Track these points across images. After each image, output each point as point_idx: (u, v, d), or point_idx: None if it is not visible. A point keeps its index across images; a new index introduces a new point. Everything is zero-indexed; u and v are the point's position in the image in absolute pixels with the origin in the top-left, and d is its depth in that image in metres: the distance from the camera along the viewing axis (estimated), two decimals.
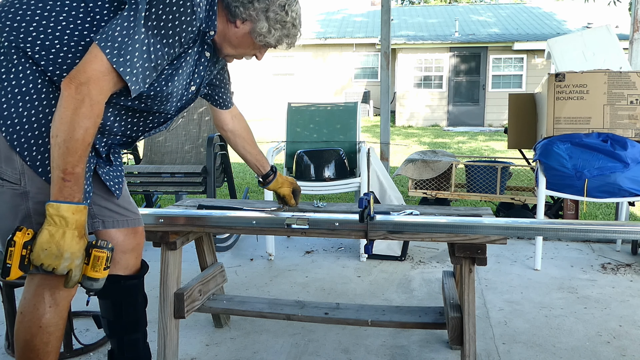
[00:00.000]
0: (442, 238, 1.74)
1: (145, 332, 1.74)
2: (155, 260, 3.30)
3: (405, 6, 24.29)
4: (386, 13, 4.70)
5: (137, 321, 1.70)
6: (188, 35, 1.36)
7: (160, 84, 1.41)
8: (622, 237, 1.78)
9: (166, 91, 1.44)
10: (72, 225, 1.28)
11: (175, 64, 1.42)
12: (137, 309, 1.70)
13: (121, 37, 1.27)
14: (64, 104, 1.26)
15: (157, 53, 1.33)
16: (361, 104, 13.89)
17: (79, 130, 1.26)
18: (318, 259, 3.41)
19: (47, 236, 1.27)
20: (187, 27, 1.35)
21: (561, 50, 3.83)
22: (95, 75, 1.26)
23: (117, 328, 1.67)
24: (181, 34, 1.35)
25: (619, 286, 2.89)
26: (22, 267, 1.27)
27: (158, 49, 1.33)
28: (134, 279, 1.65)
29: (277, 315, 2.07)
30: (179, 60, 1.42)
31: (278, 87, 16.87)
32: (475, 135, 12.50)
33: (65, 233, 1.28)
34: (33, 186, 1.36)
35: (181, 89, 1.50)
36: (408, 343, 2.25)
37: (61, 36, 1.33)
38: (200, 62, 1.51)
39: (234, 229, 1.96)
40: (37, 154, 1.35)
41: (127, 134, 1.52)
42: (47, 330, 1.45)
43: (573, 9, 18.25)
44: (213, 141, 3.41)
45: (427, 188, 4.06)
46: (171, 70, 1.42)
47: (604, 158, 2.89)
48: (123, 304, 1.65)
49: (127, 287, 1.64)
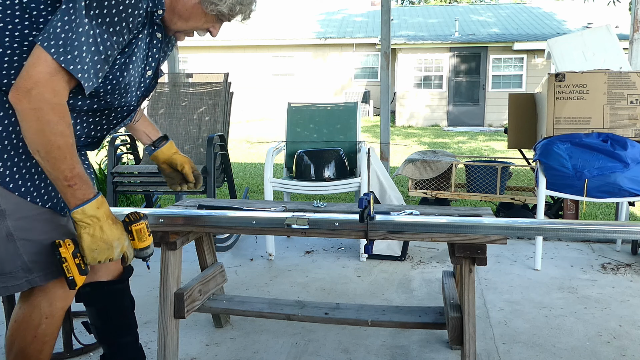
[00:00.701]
0: (442, 238, 1.74)
1: (136, 334, 1.71)
2: (155, 260, 3.28)
3: (405, 6, 24.29)
4: (386, 13, 4.70)
5: (126, 325, 1.68)
6: (136, 19, 1.28)
7: (115, 75, 1.33)
8: (622, 237, 1.78)
9: (123, 82, 1.36)
10: (103, 217, 1.31)
11: (127, 51, 1.33)
12: (125, 313, 1.67)
13: (64, 33, 1.19)
14: (24, 119, 1.19)
15: (105, 44, 1.25)
16: (361, 104, 13.92)
17: (55, 137, 1.21)
18: (318, 259, 3.41)
19: (89, 239, 1.30)
20: (133, 11, 1.26)
21: (561, 50, 3.83)
22: (43, 77, 1.18)
23: (106, 333, 1.65)
24: (128, 19, 1.26)
25: (619, 286, 2.89)
26: (82, 272, 1.35)
27: (105, 39, 1.24)
28: (118, 283, 1.62)
29: (277, 315, 2.07)
30: (130, 47, 1.33)
31: (278, 87, 16.87)
32: (475, 135, 12.50)
33: (103, 227, 1.31)
34: (8, 204, 1.30)
35: (138, 77, 1.42)
36: (408, 343, 2.25)
37: (1, 38, 1.24)
38: (153, 45, 1.42)
39: (234, 229, 1.96)
40: (4, 169, 1.29)
41: (92, 134, 1.46)
42: (42, 339, 1.44)
43: (573, 9, 18.25)
44: (213, 141, 3.41)
45: (427, 188, 4.06)
46: (124, 59, 1.33)
47: (604, 158, 2.89)
48: (109, 309, 1.62)
49: (111, 292, 1.61)
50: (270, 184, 3.37)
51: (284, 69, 17.17)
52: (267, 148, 3.55)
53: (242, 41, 16.84)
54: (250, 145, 10.44)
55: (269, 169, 3.39)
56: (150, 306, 2.66)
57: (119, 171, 3.51)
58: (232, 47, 16.87)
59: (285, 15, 19.42)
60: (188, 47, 16.20)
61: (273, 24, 18.26)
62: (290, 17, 19.19)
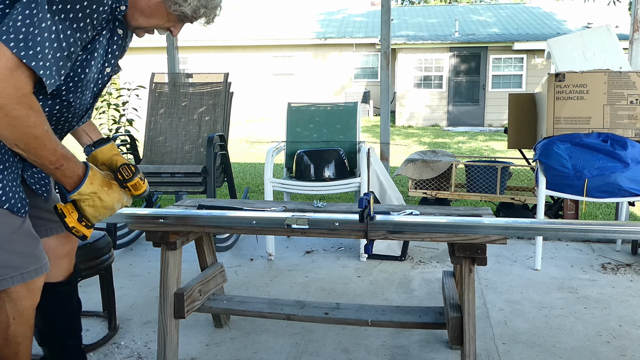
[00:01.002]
0: (442, 238, 1.74)
1: (80, 338, 1.69)
2: (156, 260, 3.28)
3: (405, 6, 24.30)
4: (386, 13, 4.70)
5: (71, 327, 1.65)
6: (100, 15, 1.25)
7: (77, 72, 1.30)
8: (622, 237, 1.78)
9: (85, 79, 1.33)
10: (99, 189, 1.36)
11: (89, 48, 1.29)
12: (71, 315, 1.65)
13: (25, 27, 1.14)
14: None
15: (68, 40, 1.20)
16: (361, 104, 13.91)
17: (29, 129, 1.19)
18: (318, 259, 3.41)
19: (91, 210, 1.38)
20: (98, 7, 1.23)
21: (561, 50, 3.83)
22: (2, 73, 1.13)
23: (49, 336, 1.62)
24: (92, 16, 1.22)
25: (619, 286, 2.89)
26: (89, 228, 1.42)
27: (69, 35, 1.20)
28: (65, 284, 1.60)
29: (277, 315, 2.07)
30: (92, 43, 1.29)
31: (278, 87, 16.87)
32: (475, 135, 12.50)
33: (101, 197, 1.37)
34: None
35: (97, 73, 1.39)
36: (408, 343, 2.25)
37: None
38: (114, 41, 1.38)
39: (234, 229, 1.96)
40: None
41: None
42: (15, 340, 1.42)
43: (573, 9, 18.25)
44: (213, 141, 3.41)
45: (427, 188, 4.06)
46: (86, 55, 1.30)
47: (604, 158, 2.89)
48: (56, 311, 1.60)
49: (59, 294, 1.59)
50: (270, 184, 3.38)
51: (284, 69, 17.17)
52: (267, 148, 3.55)
53: (242, 41, 16.85)
54: (250, 145, 10.44)
55: (269, 169, 3.39)
56: (150, 306, 2.66)
57: None
58: (232, 47, 16.88)
59: (285, 15, 19.43)
60: (188, 47, 16.20)
61: (273, 24, 18.27)
62: (290, 17, 19.20)
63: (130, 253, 3.56)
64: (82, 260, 2.16)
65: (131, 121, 5.17)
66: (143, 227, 1.92)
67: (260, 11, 20.38)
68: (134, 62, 16.82)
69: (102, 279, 2.36)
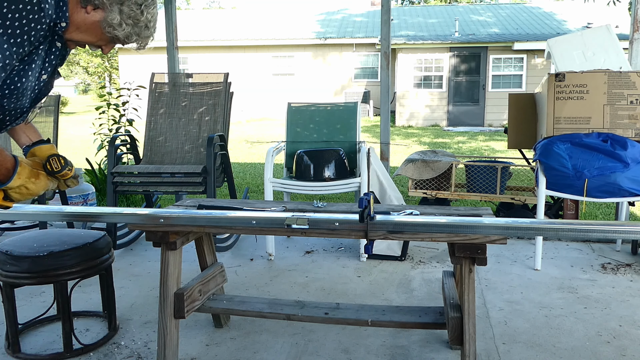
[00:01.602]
0: (442, 238, 1.74)
1: None
2: (156, 260, 3.28)
3: (405, 6, 24.30)
4: (386, 13, 4.70)
5: None
6: (38, 33, 1.30)
7: (13, 81, 1.35)
8: (622, 237, 1.78)
9: (21, 87, 1.38)
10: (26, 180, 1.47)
11: (26, 60, 1.35)
12: None
13: None
14: None
15: (4, 53, 1.25)
16: (361, 104, 13.90)
17: None
18: (318, 259, 3.41)
19: (17, 196, 1.50)
20: (36, 25, 1.28)
21: (561, 50, 3.83)
22: None
23: None
24: (30, 33, 1.28)
25: (619, 286, 2.89)
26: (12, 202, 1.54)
27: (5, 48, 1.25)
28: None
29: (277, 315, 2.07)
30: (30, 56, 1.35)
31: (278, 87, 16.88)
32: (475, 135, 12.50)
33: (28, 187, 1.49)
34: None
35: (34, 81, 1.45)
36: (408, 343, 2.25)
37: None
38: (52, 52, 1.44)
39: (234, 229, 1.96)
40: None
41: None
42: None
43: (573, 9, 18.26)
44: (213, 141, 3.41)
45: (427, 188, 4.06)
46: (23, 66, 1.35)
47: (604, 158, 2.89)
48: None
49: None
50: (270, 184, 3.38)
51: (284, 69, 17.17)
52: (267, 148, 3.55)
53: (242, 41, 16.85)
54: (250, 145, 10.44)
55: (269, 169, 3.39)
56: (150, 306, 2.66)
57: (119, 171, 3.51)
58: (232, 47, 16.88)
59: (285, 15, 19.44)
60: (188, 47, 16.21)
61: (273, 24, 18.27)
62: (290, 17, 19.20)
63: (130, 253, 3.56)
64: (82, 260, 2.16)
65: (131, 121, 5.17)
66: (143, 227, 1.92)
67: (260, 11, 20.40)
68: (134, 62, 16.84)
69: (102, 279, 2.36)
